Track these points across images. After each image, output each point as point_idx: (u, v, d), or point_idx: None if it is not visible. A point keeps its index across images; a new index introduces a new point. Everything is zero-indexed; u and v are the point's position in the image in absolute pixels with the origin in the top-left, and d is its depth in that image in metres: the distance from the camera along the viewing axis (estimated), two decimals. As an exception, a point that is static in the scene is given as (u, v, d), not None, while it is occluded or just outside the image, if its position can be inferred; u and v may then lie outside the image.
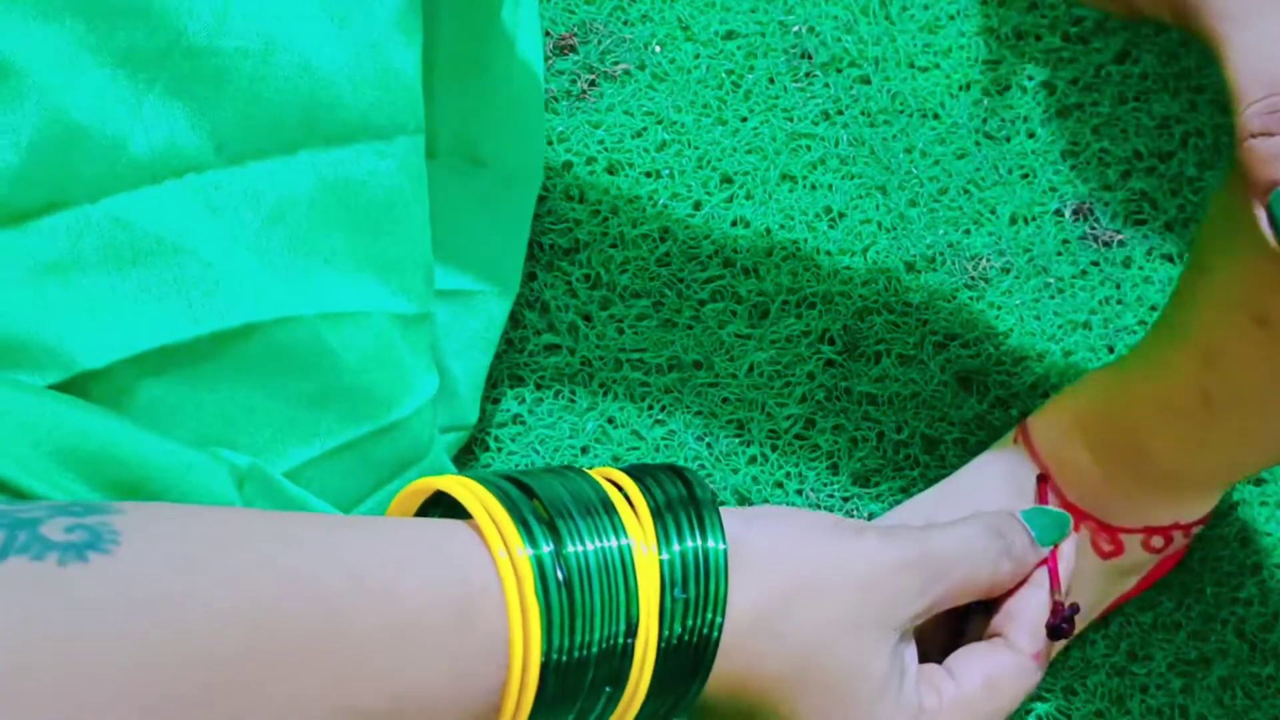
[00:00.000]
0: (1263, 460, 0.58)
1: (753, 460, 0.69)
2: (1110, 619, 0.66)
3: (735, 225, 0.72)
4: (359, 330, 0.49)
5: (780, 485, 0.68)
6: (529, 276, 0.71)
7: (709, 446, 0.69)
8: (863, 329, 0.70)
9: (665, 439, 0.69)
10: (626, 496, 0.44)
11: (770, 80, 0.75)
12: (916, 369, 0.70)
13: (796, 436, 0.69)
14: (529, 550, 0.40)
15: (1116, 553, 0.61)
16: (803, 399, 0.70)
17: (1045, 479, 0.60)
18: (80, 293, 0.43)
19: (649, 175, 0.73)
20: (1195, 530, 0.62)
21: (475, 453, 0.68)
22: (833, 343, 0.70)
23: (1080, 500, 0.59)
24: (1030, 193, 0.73)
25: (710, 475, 0.68)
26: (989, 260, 0.72)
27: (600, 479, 0.44)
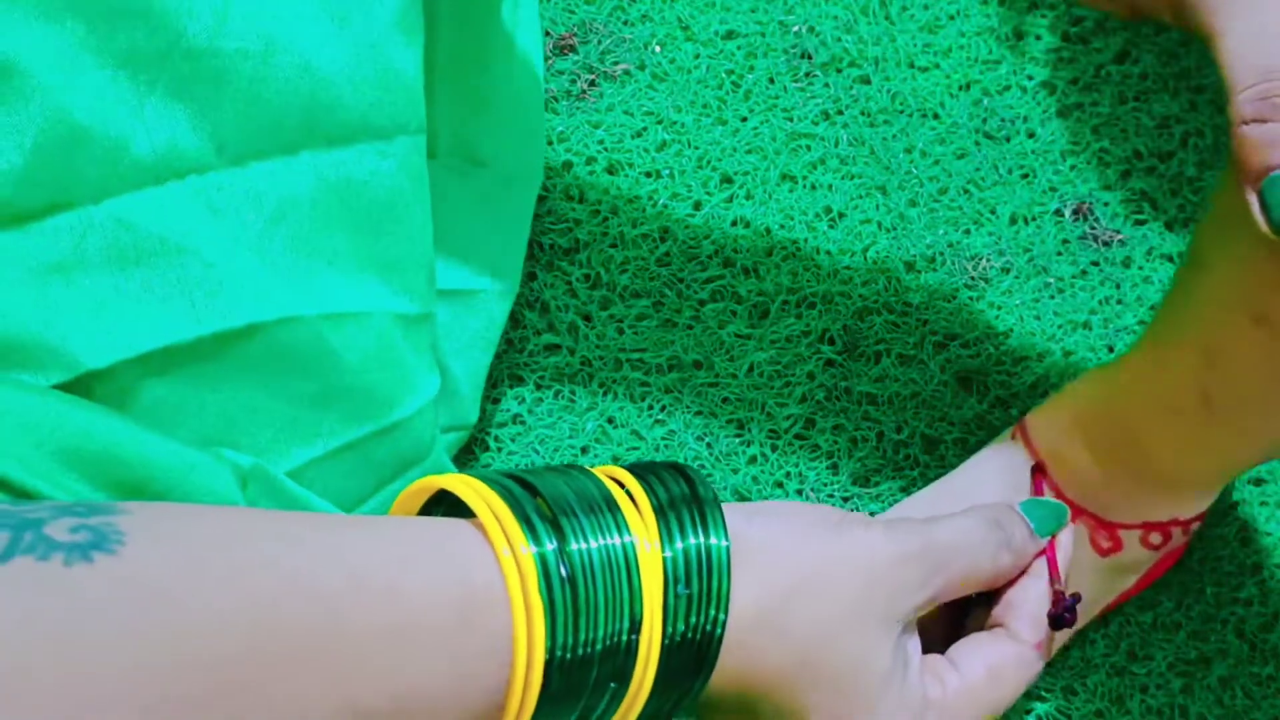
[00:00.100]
0: (1261, 457, 0.58)
1: (753, 460, 0.69)
2: (1110, 619, 0.66)
3: (735, 225, 0.72)
4: (361, 330, 0.49)
5: (780, 485, 0.68)
6: (529, 276, 0.71)
7: (709, 446, 0.69)
8: (863, 329, 0.71)
9: (665, 439, 0.69)
10: (629, 494, 0.44)
11: (770, 80, 0.75)
12: (916, 369, 0.70)
13: (796, 436, 0.69)
14: (533, 548, 0.40)
15: (1115, 549, 0.61)
16: (803, 399, 0.70)
17: (1040, 469, 0.60)
18: (83, 293, 0.43)
19: (649, 175, 0.73)
20: (1194, 527, 0.62)
21: (475, 453, 0.68)
22: (833, 343, 0.70)
23: (1078, 497, 0.60)
24: (1030, 193, 0.73)
25: (710, 475, 0.68)
26: (989, 260, 0.72)
27: (603, 477, 0.44)
